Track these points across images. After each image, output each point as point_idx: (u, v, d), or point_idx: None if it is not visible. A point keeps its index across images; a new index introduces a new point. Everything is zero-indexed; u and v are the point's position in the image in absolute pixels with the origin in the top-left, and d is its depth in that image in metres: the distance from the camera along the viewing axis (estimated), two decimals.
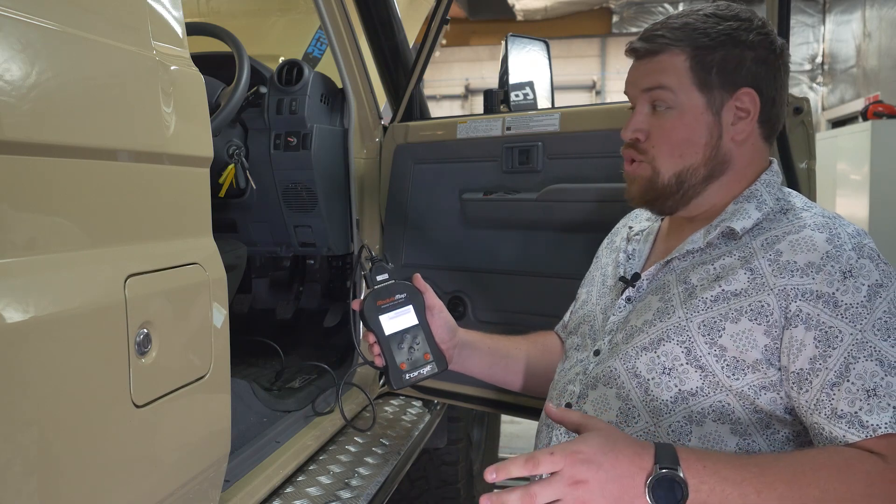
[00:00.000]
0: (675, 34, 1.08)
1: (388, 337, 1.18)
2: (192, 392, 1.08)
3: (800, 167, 1.57)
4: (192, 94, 1.13)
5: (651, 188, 1.11)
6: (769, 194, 1.10)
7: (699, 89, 1.07)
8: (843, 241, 0.99)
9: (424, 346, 1.19)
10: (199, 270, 1.12)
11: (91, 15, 0.94)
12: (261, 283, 2.72)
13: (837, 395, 0.94)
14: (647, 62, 1.10)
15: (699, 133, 1.08)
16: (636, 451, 0.88)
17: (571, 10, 10.02)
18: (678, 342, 1.03)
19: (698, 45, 1.07)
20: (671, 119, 1.08)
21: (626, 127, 1.13)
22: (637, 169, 1.12)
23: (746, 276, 1.02)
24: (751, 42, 1.07)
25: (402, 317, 1.19)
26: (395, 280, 1.21)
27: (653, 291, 1.12)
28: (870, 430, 0.91)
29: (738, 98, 1.08)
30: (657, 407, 1.04)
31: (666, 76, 1.08)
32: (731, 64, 1.07)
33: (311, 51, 2.80)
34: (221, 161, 2.02)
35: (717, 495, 0.86)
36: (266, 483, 1.55)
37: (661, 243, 1.21)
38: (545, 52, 2.22)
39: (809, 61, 9.17)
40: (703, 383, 1.02)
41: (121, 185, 0.97)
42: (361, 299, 1.20)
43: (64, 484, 0.84)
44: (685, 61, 1.07)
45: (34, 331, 0.79)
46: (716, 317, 1.02)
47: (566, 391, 1.17)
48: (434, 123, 2.19)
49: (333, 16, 2.06)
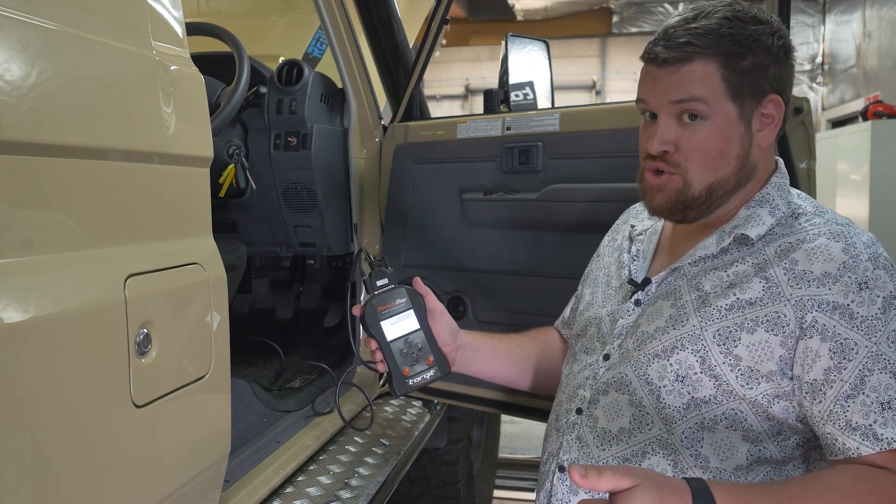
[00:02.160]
0: (703, 41, 1.02)
1: (390, 343, 1.17)
2: (192, 392, 1.08)
3: (800, 167, 1.56)
4: (192, 94, 1.13)
5: (680, 200, 1.07)
6: (781, 198, 1.08)
7: (732, 99, 1.03)
8: (859, 252, 0.99)
9: (427, 351, 1.18)
10: (199, 270, 1.12)
11: (91, 15, 0.94)
12: (261, 283, 2.72)
13: (852, 408, 0.94)
14: (673, 71, 1.04)
15: (733, 144, 1.05)
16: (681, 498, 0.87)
17: (571, 10, 10.02)
18: (692, 351, 1.03)
19: (729, 53, 1.02)
20: (704, 131, 1.04)
21: (653, 139, 1.06)
22: (666, 181, 1.08)
23: (762, 284, 1.01)
24: (770, 46, 1.04)
25: (403, 322, 1.18)
26: (395, 285, 1.20)
27: (663, 296, 1.11)
28: (884, 444, 0.92)
29: (765, 105, 1.05)
30: (670, 414, 1.04)
31: (700, 87, 1.03)
32: (760, 70, 1.04)
33: (311, 51, 2.80)
34: (221, 161, 2.02)
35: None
36: (266, 483, 1.55)
37: (667, 244, 1.20)
38: (545, 52, 2.22)
39: (809, 61, 9.17)
40: (716, 392, 1.01)
41: (121, 185, 0.97)
42: (362, 305, 1.19)
43: (64, 484, 0.84)
44: (717, 70, 1.02)
45: (34, 331, 0.79)
46: (731, 326, 1.01)
47: (576, 395, 1.16)
48: (434, 123, 2.19)
49: (333, 16, 2.06)
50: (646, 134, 1.10)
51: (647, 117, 1.10)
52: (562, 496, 1.11)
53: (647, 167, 1.10)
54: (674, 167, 1.06)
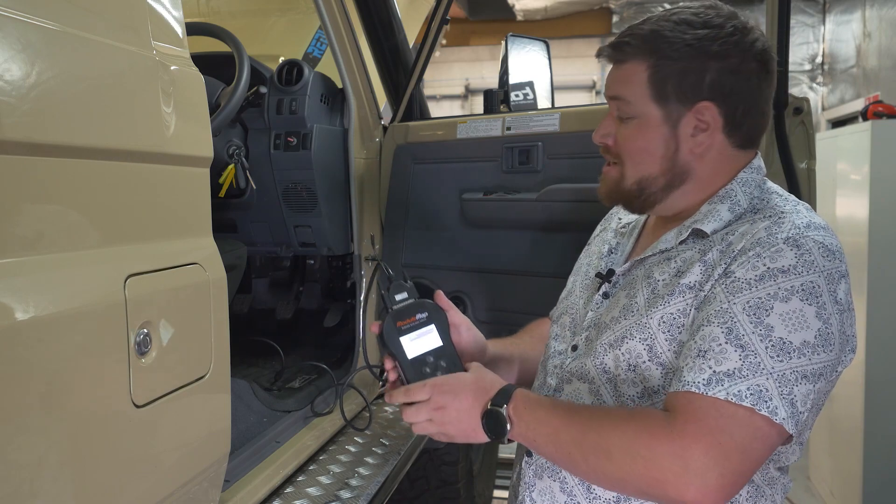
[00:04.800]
0: (639, 42, 1.06)
1: (411, 361, 1.08)
2: (191, 392, 1.08)
3: (800, 167, 1.57)
4: (192, 94, 1.13)
5: (616, 190, 1.13)
6: (744, 193, 1.08)
7: (656, 102, 1.06)
8: (780, 230, 0.99)
9: (451, 369, 1.09)
10: (199, 270, 1.12)
11: (91, 15, 0.94)
12: (261, 283, 2.72)
13: (683, 352, 0.98)
14: (615, 68, 1.10)
15: (655, 145, 1.07)
16: (484, 389, 1.05)
17: (571, 10, 10.01)
18: (640, 339, 1.04)
19: (660, 56, 1.05)
20: (630, 129, 1.08)
21: (596, 131, 1.14)
22: (609, 171, 1.14)
23: (700, 268, 1.02)
24: (716, 52, 1.03)
25: (424, 338, 1.10)
26: (415, 299, 1.13)
27: (623, 287, 1.13)
28: (681, 385, 0.93)
29: (698, 111, 1.05)
30: (625, 403, 1.05)
31: (626, 87, 1.07)
32: (691, 77, 1.04)
33: (311, 51, 2.80)
34: (221, 161, 2.02)
35: (532, 431, 1.02)
36: (266, 483, 1.55)
37: (645, 239, 1.21)
38: (545, 52, 2.22)
39: (809, 61, 9.16)
40: (664, 381, 1.02)
41: (121, 185, 0.97)
42: (380, 321, 1.11)
43: (64, 484, 0.84)
44: (645, 71, 1.05)
45: (34, 331, 0.79)
46: (674, 312, 1.02)
47: (545, 385, 1.18)
48: (434, 123, 2.19)
49: (333, 16, 2.06)
50: None
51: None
52: (528, 480, 1.13)
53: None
54: (615, 158, 1.12)
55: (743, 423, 0.90)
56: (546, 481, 1.10)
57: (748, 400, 0.89)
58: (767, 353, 0.91)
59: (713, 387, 0.91)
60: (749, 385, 0.90)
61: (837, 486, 3.44)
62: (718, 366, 0.92)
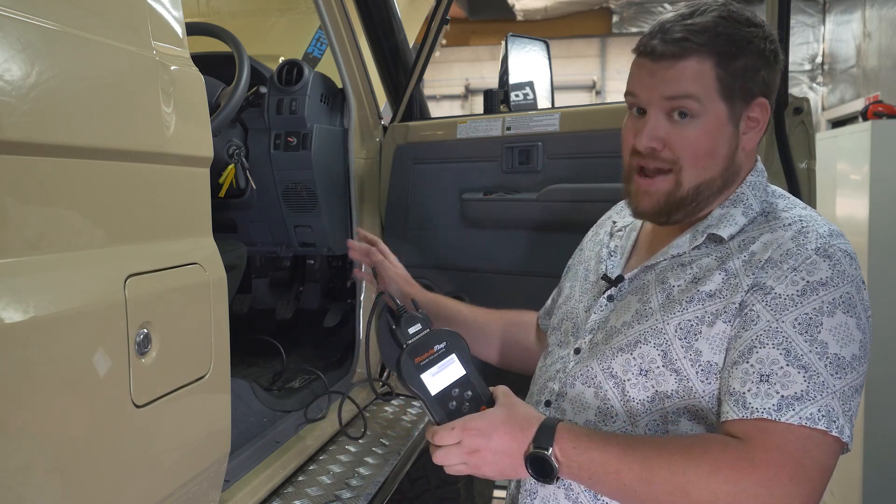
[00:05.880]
0: (699, 38, 1.01)
1: (435, 397, 1.02)
2: (192, 392, 1.08)
3: (800, 167, 1.56)
4: (192, 94, 1.13)
5: (669, 201, 1.06)
6: (755, 197, 1.08)
7: (723, 99, 1.02)
8: (808, 240, 0.98)
9: (478, 399, 1.03)
10: (199, 270, 1.12)
11: (91, 15, 0.94)
12: (261, 283, 2.72)
13: (734, 374, 0.95)
14: (667, 66, 1.02)
15: (721, 144, 1.04)
16: (521, 428, 0.99)
17: (571, 10, 10.02)
18: (655, 345, 1.02)
19: (723, 52, 1.01)
20: (695, 129, 1.02)
21: (641, 134, 1.05)
22: (654, 183, 1.06)
23: (721, 276, 1.01)
24: (765, 50, 1.03)
25: (446, 370, 1.03)
26: (429, 328, 1.06)
27: (633, 291, 1.11)
28: (748, 412, 0.92)
29: (752, 108, 1.04)
30: (634, 407, 1.04)
31: (693, 84, 1.01)
32: (751, 73, 1.03)
33: (311, 51, 2.80)
34: (221, 161, 2.02)
35: (586, 471, 0.96)
36: (266, 483, 1.55)
37: (645, 241, 1.20)
38: (545, 52, 2.23)
39: (809, 61, 9.16)
40: (678, 387, 1.01)
41: (121, 185, 0.97)
42: (397, 361, 1.04)
43: (63, 484, 0.84)
44: (712, 69, 1.01)
45: (34, 331, 0.79)
46: (692, 319, 1.01)
47: (546, 388, 1.16)
48: (434, 123, 2.19)
49: (333, 16, 2.06)
50: (633, 129, 1.08)
51: (635, 112, 1.09)
52: (529, 486, 1.11)
53: (633, 165, 1.09)
54: (665, 163, 1.05)
55: (819, 445, 0.91)
56: (549, 488, 1.07)
57: (822, 423, 0.90)
58: (828, 371, 0.92)
59: (784, 412, 0.91)
60: (819, 407, 0.90)
61: (837, 486, 3.44)
62: (785, 390, 0.91)
